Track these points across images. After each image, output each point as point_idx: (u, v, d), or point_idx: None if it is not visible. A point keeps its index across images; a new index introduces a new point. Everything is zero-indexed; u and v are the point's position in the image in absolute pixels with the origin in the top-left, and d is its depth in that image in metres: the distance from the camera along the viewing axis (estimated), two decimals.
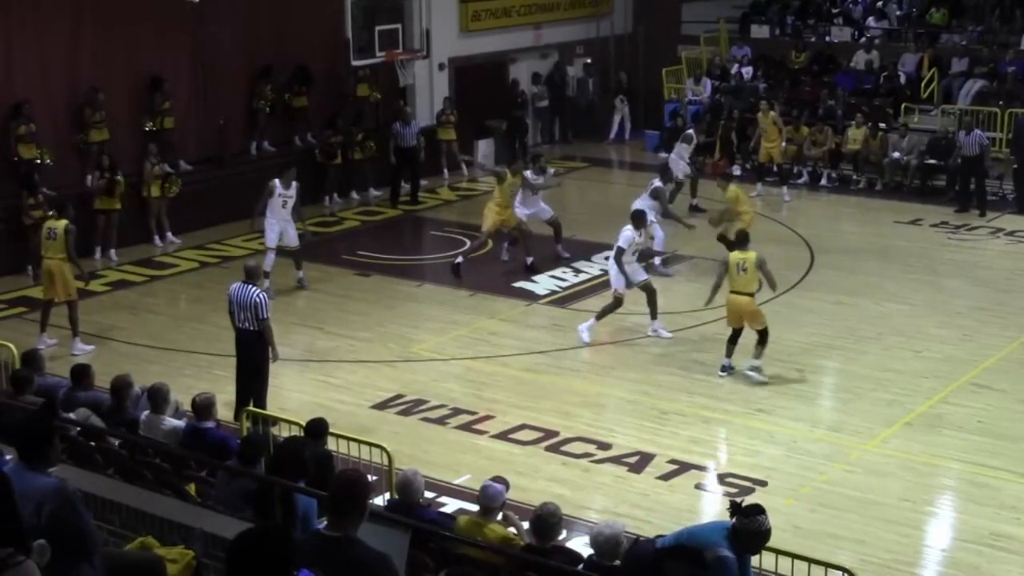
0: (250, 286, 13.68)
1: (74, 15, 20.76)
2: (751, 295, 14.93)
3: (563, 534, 9.42)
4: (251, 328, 13.65)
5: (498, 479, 9.47)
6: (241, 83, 23.44)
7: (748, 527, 7.91)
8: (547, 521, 8.69)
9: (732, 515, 8.00)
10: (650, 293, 16.60)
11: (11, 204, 19.43)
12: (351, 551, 5.94)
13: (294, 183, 18.43)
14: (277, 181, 18.30)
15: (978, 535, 11.33)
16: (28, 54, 20.34)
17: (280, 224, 18.37)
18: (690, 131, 23.41)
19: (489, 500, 9.19)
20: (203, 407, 11.02)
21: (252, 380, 13.75)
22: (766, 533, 8.01)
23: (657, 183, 19.44)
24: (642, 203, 18.60)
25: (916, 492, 12.21)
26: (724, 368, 15.19)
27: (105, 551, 6.75)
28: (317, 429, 10.64)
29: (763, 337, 14.96)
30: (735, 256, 15.02)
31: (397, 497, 9.68)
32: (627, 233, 16.38)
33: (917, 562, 11.09)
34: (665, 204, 19.58)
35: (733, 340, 15.17)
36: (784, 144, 24.06)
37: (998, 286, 18.64)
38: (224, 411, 12.61)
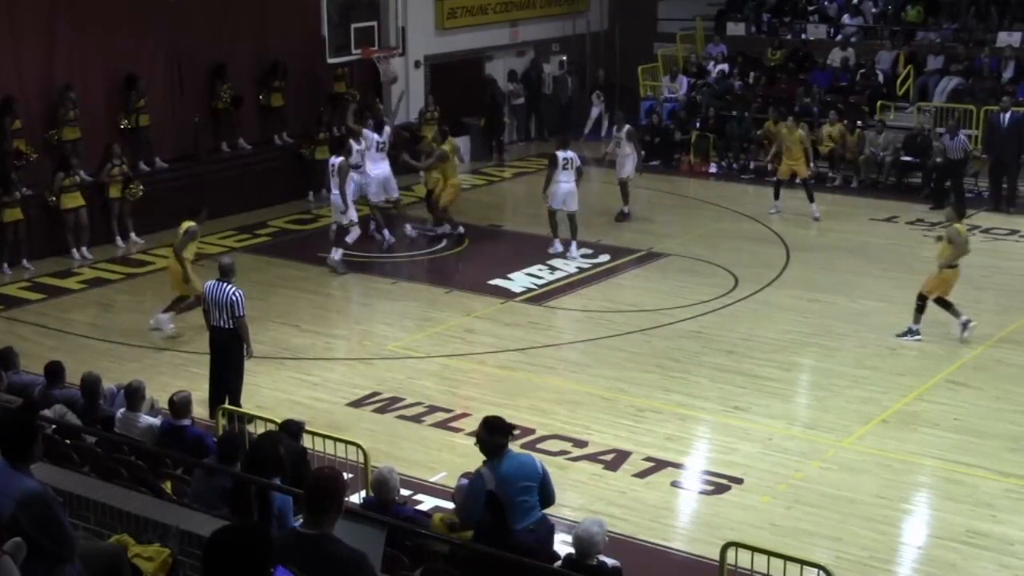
0: (225, 284, 13.70)
1: (49, 14, 20.55)
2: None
3: None
4: (227, 326, 13.67)
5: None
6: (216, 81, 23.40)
7: None
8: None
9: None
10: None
11: None
12: (328, 548, 5.97)
13: None
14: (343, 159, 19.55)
15: (954, 532, 11.40)
16: (4, 53, 20.22)
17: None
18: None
19: None
20: (181, 405, 11.01)
21: (227, 377, 13.76)
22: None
23: None
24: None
25: (892, 489, 12.27)
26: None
27: None
28: (292, 431, 10.62)
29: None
30: (963, 228, 16.40)
31: (373, 494, 9.68)
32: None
33: (893, 559, 11.14)
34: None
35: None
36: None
37: (974, 283, 18.68)
38: (199, 408, 12.60)
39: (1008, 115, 22.88)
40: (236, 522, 6.79)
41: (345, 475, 8.58)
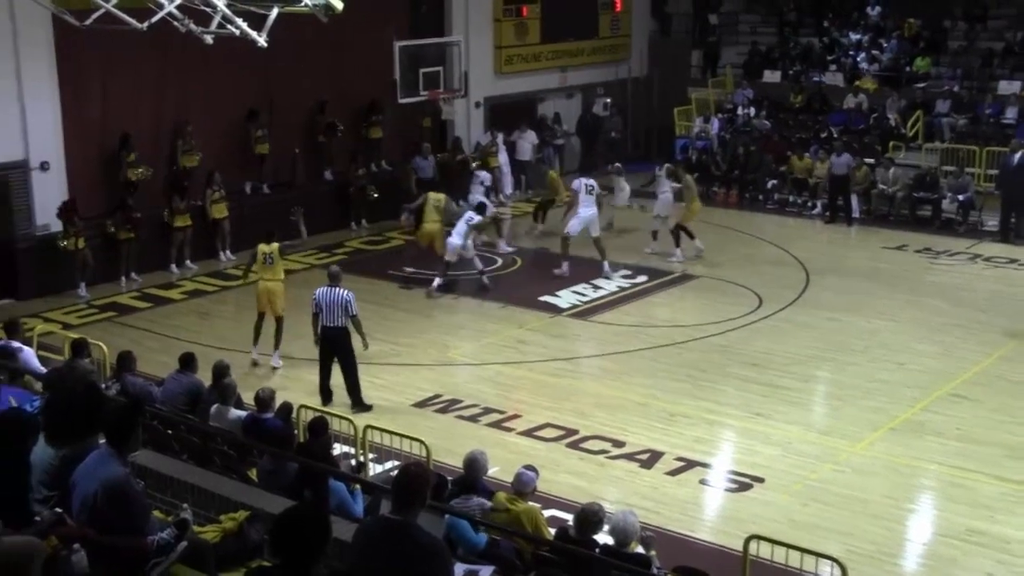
0: (336, 288, 14.26)
1: (160, 61, 20.64)
2: None
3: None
4: (340, 325, 14.16)
5: (529, 467, 9.53)
6: (309, 117, 23.63)
7: None
8: (589, 519, 8.64)
9: None
10: None
11: (102, 222, 19.70)
12: (412, 534, 5.97)
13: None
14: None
15: (954, 531, 11.29)
16: (125, 93, 20.54)
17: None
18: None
19: (522, 486, 9.33)
20: (264, 400, 11.09)
21: (345, 370, 14.26)
22: None
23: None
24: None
25: (899, 491, 12.18)
26: None
27: None
28: (317, 428, 10.55)
29: None
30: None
31: (464, 473, 9.69)
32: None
33: (899, 554, 11.06)
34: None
35: None
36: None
37: (976, 306, 18.55)
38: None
39: (1018, 155, 22.62)
40: (299, 504, 6.89)
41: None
